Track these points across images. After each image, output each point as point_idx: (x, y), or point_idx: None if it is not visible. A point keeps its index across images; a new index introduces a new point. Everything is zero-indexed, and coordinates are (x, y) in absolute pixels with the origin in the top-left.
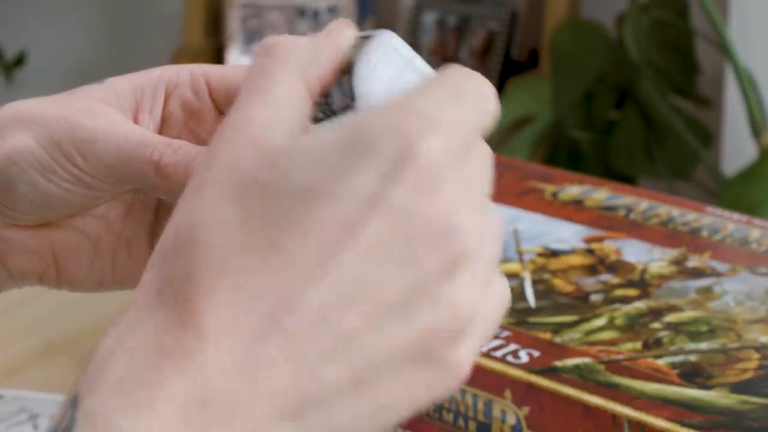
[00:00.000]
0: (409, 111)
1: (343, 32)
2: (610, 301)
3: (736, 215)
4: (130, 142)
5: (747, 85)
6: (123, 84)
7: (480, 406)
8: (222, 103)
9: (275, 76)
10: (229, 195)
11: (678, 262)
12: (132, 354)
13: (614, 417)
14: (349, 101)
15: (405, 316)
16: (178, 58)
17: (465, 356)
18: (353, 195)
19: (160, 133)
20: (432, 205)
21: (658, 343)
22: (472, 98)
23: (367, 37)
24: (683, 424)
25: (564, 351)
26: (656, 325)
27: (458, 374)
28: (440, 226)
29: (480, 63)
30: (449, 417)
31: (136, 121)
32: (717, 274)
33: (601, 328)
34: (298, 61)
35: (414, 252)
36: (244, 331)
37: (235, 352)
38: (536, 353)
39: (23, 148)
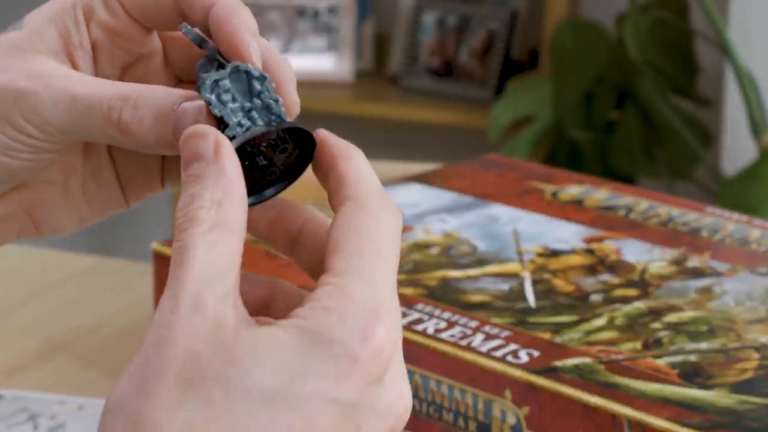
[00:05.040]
0: (353, 307)
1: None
2: (610, 301)
3: (736, 215)
4: (81, 101)
5: (747, 85)
6: (44, 24)
7: (480, 406)
8: (139, 17)
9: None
10: (191, 391)
11: (678, 262)
12: None
13: (614, 417)
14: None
15: None
16: None
17: None
18: (312, 396)
19: (94, 63)
20: (378, 393)
21: (658, 343)
22: (389, 242)
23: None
24: (683, 424)
25: (564, 351)
26: (656, 325)
27: None
28: (384, 411)
29: (480, 63)
30: (449, 417)
31: (71, 59)
32: (717, 274)
33: (601, 328)
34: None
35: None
36: None
37: None
38: (536, 353)
39: None
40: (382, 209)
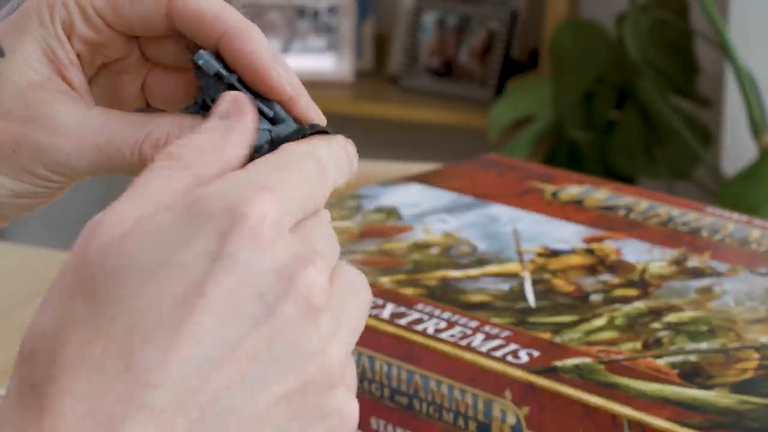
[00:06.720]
0: (240, 178)
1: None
2: (610, 301)
3: (736, 215)
4: (108, 150)
5: (747, 85)
6: (26, 46)
7: (480, 406)
8: (122, 30)
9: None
10: (78, 289)
11: (678, 262)
12: None
13: (614, 417)
14: None
15: (275, 371)
16: None
17: (346, 401)
18: (196, 259)
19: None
20: (275, 256)
21: (658, 343)
22: (312, 167)
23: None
24: (683, 424)
25: (564, 351)
26: (656, 325)
27: (348, 421)
28: (287, 275)
29: (480, 63)
30: (449, 417)
31: (63, 77)
32: (717, 274)
33: (601, 328)
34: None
35: (267, 302)
36: (103, 418)
37: None
38: (536, 353)
39: None
40: None
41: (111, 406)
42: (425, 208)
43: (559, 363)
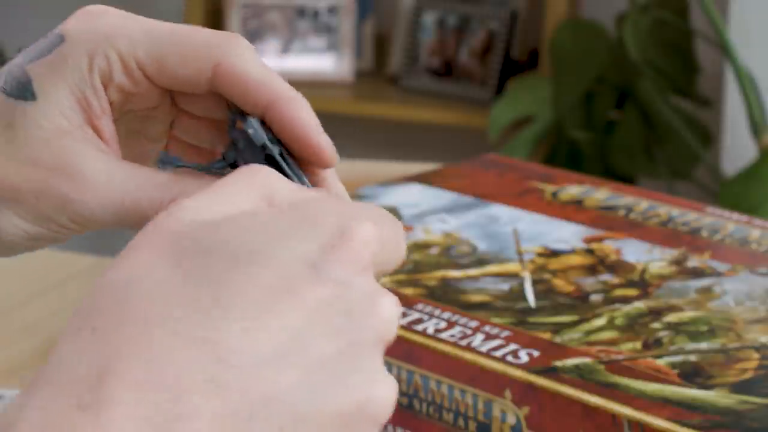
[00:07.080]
0: (352, 204)
1: None
2: (610, 301)
3: (736, 215)
4: (133, 210)
5: (747, 85)
6: (60, 93)
7: (480, 406)
8: (163, 85)
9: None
10: (167, 256)
11: (678, 262)
12: (45, 413)
13: (614, 417)
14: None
15: (339, 387)
16: None
17: None
18: (295, 260)
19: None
20: (367, 280)
21: (658, 343)
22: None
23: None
24: (683, 424)
25: (564, 351)
26: (656, 325)
27: None
28: (375, 300)
29: (480, 63)
30: (449, 417)
31: (94, 128)
32: (717, 274)
33: (601, 328)
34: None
35: (354, 320)
36: (170, 380)
37: (158, 405)
38: (536, 353)
39: (10, 226)
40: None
41: (179, 370)
42: (425, 208)
43: (559, 363)
